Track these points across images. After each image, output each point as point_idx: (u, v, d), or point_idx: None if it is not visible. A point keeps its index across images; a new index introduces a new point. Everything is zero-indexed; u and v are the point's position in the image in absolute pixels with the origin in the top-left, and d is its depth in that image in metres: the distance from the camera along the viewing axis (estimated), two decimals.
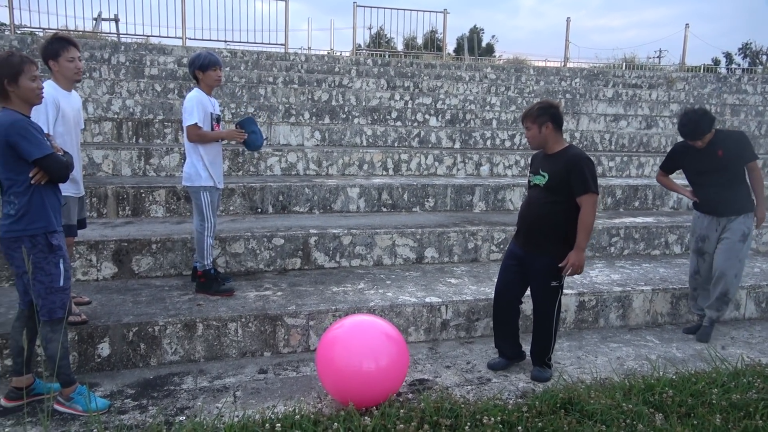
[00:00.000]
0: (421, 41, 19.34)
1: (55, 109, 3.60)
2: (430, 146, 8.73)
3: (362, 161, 7.48)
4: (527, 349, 3.97)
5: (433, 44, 19.11)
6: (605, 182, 7.53)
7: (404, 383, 3.56)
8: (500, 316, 3.93)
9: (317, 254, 5.23)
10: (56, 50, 3.63)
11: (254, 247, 5.04)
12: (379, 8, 15.57)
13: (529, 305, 4.11)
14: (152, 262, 4.78)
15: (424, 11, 19.94)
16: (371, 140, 8.49)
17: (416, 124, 9.42)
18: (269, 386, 3.59)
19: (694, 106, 5.47)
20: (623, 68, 18.70)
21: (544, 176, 3.68)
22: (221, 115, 4.51)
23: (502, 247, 5.72)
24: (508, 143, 9.24)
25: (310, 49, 17.79)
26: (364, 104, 9.80)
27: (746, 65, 37.74)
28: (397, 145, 8.59)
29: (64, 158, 3.16)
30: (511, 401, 3.37)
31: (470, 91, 11.54)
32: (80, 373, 3.63)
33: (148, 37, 13.85)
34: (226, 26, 15.64)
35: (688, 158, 4.60)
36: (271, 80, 10.43)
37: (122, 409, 3.25)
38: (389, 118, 9.36)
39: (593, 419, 3.01)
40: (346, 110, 9.16)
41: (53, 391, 3.24)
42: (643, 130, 10.64)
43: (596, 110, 11.33)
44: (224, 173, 6.77)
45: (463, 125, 9.66)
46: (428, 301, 4.44)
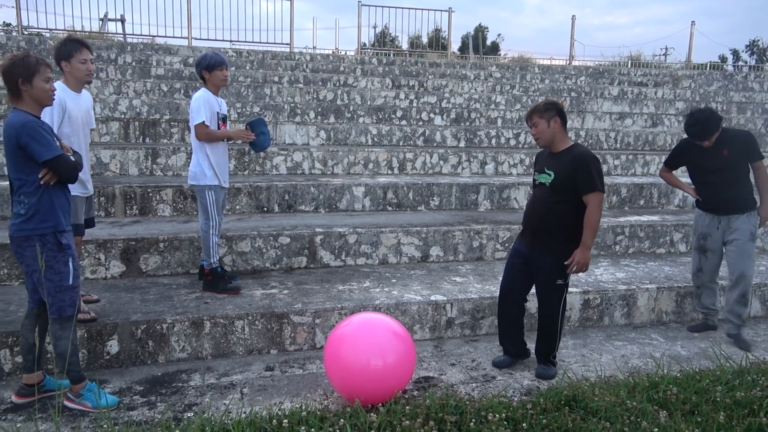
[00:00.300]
0: (425, 40, 19.34)
1: (61, 111, 3.65)
2: (435, 145, 8.75)
3: (367, 160, 7.51)
4: (532, 347, 3.99)
5: (437, 43, 19.09)
6: (610, 180, 7.53)
7: (409, 381, 3.59)
8: (505, 314, 3.95)
9: (323, 253, 5.26)
10: (69, 51, 3.69)
11: (260, 245, 5.08)
12: (384, 7, 15.60)
13: (534, 303, 4.13)
14: (160, 260, 4.83)
15: (429, 10, 19.90)
16: (376, 139, 8.51)
17: (421, 123, 9.44)
18: (276, 383, 3.62)
19: (700, 105, 5.47)
20: (629, 66, 18.64)
21: (549, 175, 3.69)
22: (227, 115, 4.55)
23: (507, 245, 5.74)
24: (513, 142, 9.24)
25: (315, 48, 17.82)
26: (369, 103, 9.83)
27: (753, 62, 37.54)
28: (402, 144, 8.61)
29: (73, 159, 3.20)
30: (515, 398, 3.39)
31: (475, 89, 11.55)
32: (89, 370, 3.67)
33: (153, 37, 13.92)
34: (231, 26, 15.71)
35: (692, 155, 4.59)
36: (276, 80, 10.47)
37: (131, 405, 3.29)
38: (394, 117, 9.39)
39: (597, 416, 3.03)
40: (351, 109, 9.19)
41: (63, 387, 3.29)
42: (648, 128, 10.62)
43: (601, 108, 11.32)
44: (230, 172, 6.83)
45: (468, 124, 9.67)
46: (433, 299, 4.47)
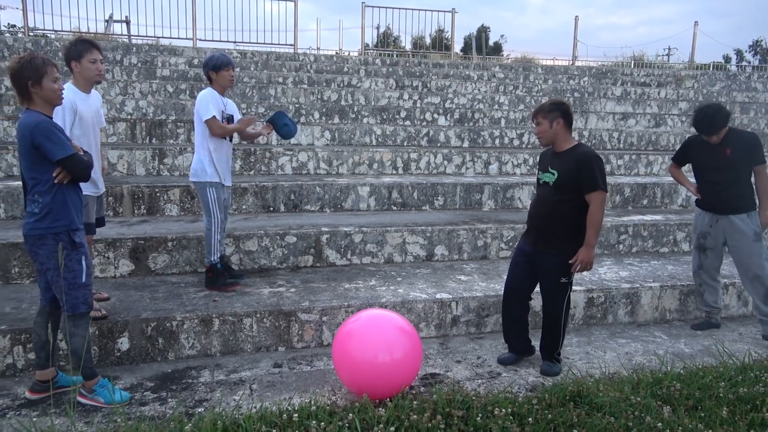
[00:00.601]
0: (428, 41, 19.39)
1: (72, 113, 3.70)
2: (439, 145, 8.80)
3: (372, 160, 7.56)
4: (536, 344, 4.03)
5: (440, 43, 19.15)
6: (614, 180, 7.57)
7: (416, 377, 3.64)
8: (510, 311, 4.00)
9: (329, 252, 5.32)
10: (79, 51, 3.74)
11: (267, 244, 5.13)
12: (387, 8, 15.66)
13: (538, 302, 4.17)
14: (168, 259, 4.88)
15: (432, 11, 19.98)
16: (380, 140, 8.57)
17: (425, 123, 9.49)
18: (284, 380, 3.68)
19: (710, 101, 5.48)
20: (632, 66, 18.67)
21: (553, 174, 3.74)
22: (232, 116, 4.60)
23: (511, 244, 5.79)
24: (516, 142, 9.28)
25: (319, 49, 17.89)
26: (373, 104, 9.88)
27: (757, 62, 37.49)
28: (406, 144, 8.66)
29: (85, 158, 3.26)
30: (521, 394, 3.44)
31: (478, 90, 11.60)
32: (101, 366, 3.73)
33: (158, 38, 14.00)
34: (236, 27, 15.79)
35: (698, 153, 4.63)
36: (280, 80, 10.53)
37: (142, 401, 3.35)
38: (398, 117, 9.44)
39: (602, 411, 3.07)
40: (355, 110, 9.25)
41: (76, 383, 3.35)
42: (651, 128, 10.65)
43: (605, 109, 11.35)
44: (236, 173, 6.92)
45: (471, 124, 9.72)
46: (439, 297, 4.52)
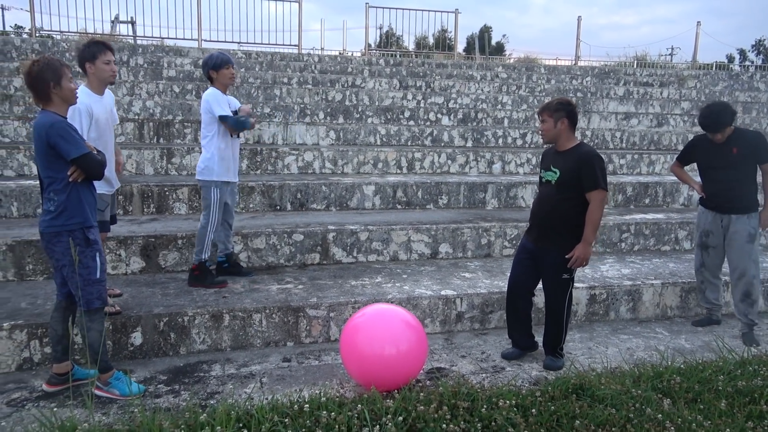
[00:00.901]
0: (431, 41, 19.47)
1: (88, 117, 3.78)
2: (442, 145, 8.89)
3: (376, 160, 7.65)
4: (540, 339, 4.12)
5: (444, 44, 19.23)
6: (616, 179, 7.65)
7: (422, 371, 3.73)
8: (513, 307, 4.09)
9: (335, 249, 5.41)
10: (93, 53, 3.83)
11: (275, 242, 5.23)
12: (391, 9, 15.74)
13: (541, 298, 4.25)
14: (178, 257, 4.98)
15: (435, 11, 20.06)
16: (385, 139, 8.66)
17: (429, 123, 9.58)
18: (293, 373, 3.77)
19: (715, 100, 5.53)
20: (635, 66, 18.73)
21: (555, 172, 3.82)
22: (236, 112, 4.67)
23: (514, 242, 5.87)
24: (519, 141, 9.36)
25: (323, 49, 18.00)
26: (377, 104, 9.97)
27: (760, 62, 37.46)
28: (410, 144, 8.75)
29: (98, 157, 3.35)
30: (524, 387, 3.53)
31: (482, 90, 11.68)
32: (114, 360, 3.82)
33: (163, 39, 14.12)
34: (240, 27, 15.90)
35: (703, 152, 4.68)
36: (285, 81, 10.62)
37: (156, 393, 3.45)
38: (402, 117, 9.53)
39: (603, 404, 3.16)
40: (359, 110, 9.34)
41: (91, 376, 3.44)
42: (654, 128, 10.72)
43: (607, 108, 11.42)
44: (243, 172, 7.02)
45: (475, 124, 9.80)
46: (444, 294, 4.61)
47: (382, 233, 5.55)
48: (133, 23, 15.37)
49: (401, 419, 2.83)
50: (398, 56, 16.15)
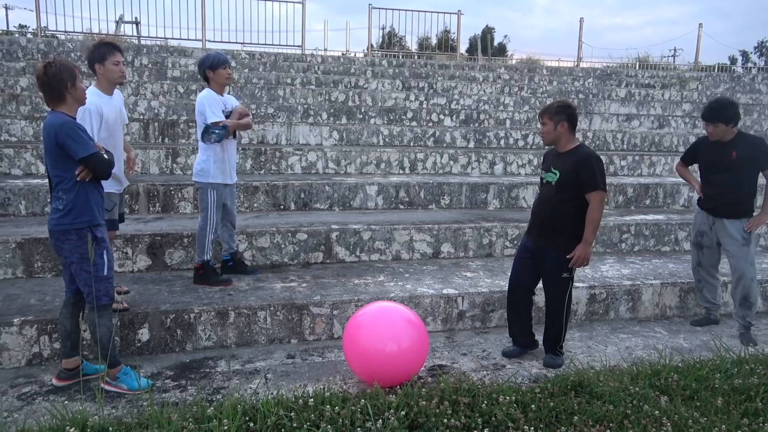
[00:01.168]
0: (434, 41, 19.54)
1: (98, 117, 3.85)
2: (445, 146, 8.95)
3: (379, 160, 7.72)
4: (540, 338, 4.18)
5: (446, 44, 19.30)
6: (617, 181, 7.71)
7: (424, 368, 3.80)
8: (514, 306, 4.15)
9: (338, 249, 5.48)
10: (103, 54, 3.90)
11: (279, 241, 5.30)
12: (394, 10, 15.82)
13: (541, 297, 4.31)
14: (184, 255, 5.05)
15: (438, 12, 20.11)
16: (388, 140, 8.72)
17: (431, 124, 9.64)
18: (297, 370, 3.84)
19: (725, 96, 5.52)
20: (636, 68, 18.76)
21: (555, 174, 3.89)
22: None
23: (515, 242, 5.93)
24: (521, 143, 9.42)
25: (326, 50, 18.06)
26: (380, 105, 10.04)
27: (762, 64, 37.46)
28: (412, 144, 8.82)
29: (106, 157, 3.41)
30: (524, 384, 3.59)
31: (484, 91, 11.74)
32: (122, 356, 3.88)
33: (167, 39, 14.19)
34: (244, 28, 15.96)
35: (705, 153, 4.73)
36: (289, 81, 10.69)
37: (163, 388, 3.52)
38: (405, 118, 9.59)
39: (602, 400, 3.22)
40: (362, 111, 9.41)
41: (100, 371, 3.52)
42: (655, 129, 10.77)
43: (609, 110, 11.48)
44: (247, 172, 7.10)
45: (477, 125, 9.86)
46: (445, 292, 4.67)
47: (384, 233, 5.62)
48: (137, 23, 15.46)
49: (403, 414, 2.90)
50: (401, 57, 16.22)
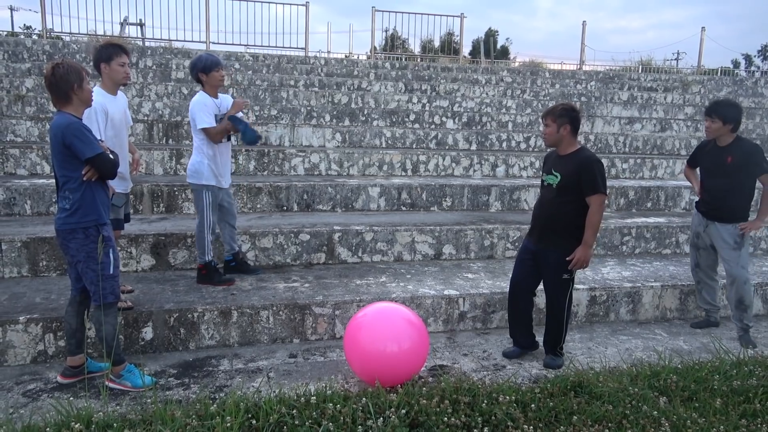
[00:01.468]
0: (437, 44, 19.58)
1: (104, 116, 3.91)
2: (447, 148, 8.99)
3: (382, 162, 7.76)
4: (540, 339, 4.21)
5: (449, 47, 19.34)
6: (618, 183, 7.73)
7: (425, 368, 3.83)
8: (515, 307, 4.18)
9: (341, 249, 5.51)
10: (109, 54, 3.96)
11: (282, 242, 5.34)
12: (397, 12, 15.89)
13: (542, 298, 4.34)
14: (187, 255, 5.10)
15: (441, 15, 20.14)
16: (390, 142, 8.76)
17: (434, 126, 9.68)
18: (299, 369, 3.88)
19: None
20: (639, 71, 18.77)
21: (556, 176, 3.92)
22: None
23: (516, 244, 5.96)
24: (523, 145, 9.46)
25: (329, 52, 18.12)
26: (382, 107, 10.09)
27: (766, 68, 37.45)
28: (415, 146, 8.86)
29: (112, 157, 3.46)
30: (524, 384, 3.62)
31: (486, 94, 11.78)
32: (126, 354, 3.92)
33: (171, 41, 14.27)
34: (248, 30, 15.98)
35: (704, 156, 4.77)
36: (292, 83, 10.75)
37: (167, 386, 3.56)
38: (407, 120, 9.64)
39: (601, 400, 3.25)
40: (365, 113, 9.45)
41: (104, 369, 3.56)
42: (657, 132, 10.79)
43: (611, 113, 11.49)
44: (250, 173, 7.15)
45: (479, 128, 9.90)
46: (446, 293, 4.70)
47: (386, 234, 5.65)
48: (141, 25, 15.55)
49: (404, 412, 2.93)
50: (404, 60, 16.27)
